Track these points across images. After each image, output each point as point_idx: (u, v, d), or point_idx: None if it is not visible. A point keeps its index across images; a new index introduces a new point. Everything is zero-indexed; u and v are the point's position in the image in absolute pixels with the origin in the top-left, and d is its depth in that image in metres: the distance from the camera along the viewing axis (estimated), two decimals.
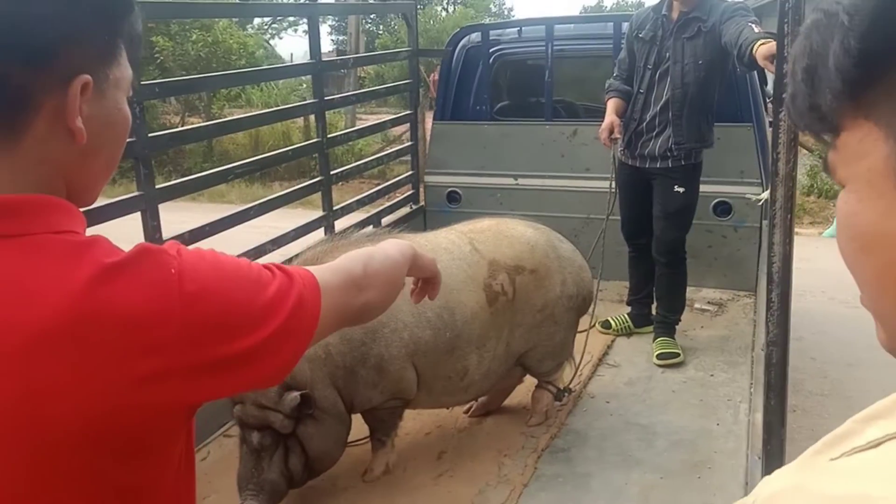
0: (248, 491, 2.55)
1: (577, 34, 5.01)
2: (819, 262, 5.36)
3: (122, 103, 0.86)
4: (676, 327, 3.94)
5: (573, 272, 3.18)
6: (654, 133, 3.75)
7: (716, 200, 4.35)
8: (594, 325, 3.98)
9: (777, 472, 0.57)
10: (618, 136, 3.77)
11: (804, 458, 0.55)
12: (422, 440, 3.18)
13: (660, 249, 3.89)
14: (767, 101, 4.46)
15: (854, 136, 0.53)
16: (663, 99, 3.70)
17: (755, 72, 4.14)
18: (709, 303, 4.37)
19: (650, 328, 4.09)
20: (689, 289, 4.06)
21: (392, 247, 1.15)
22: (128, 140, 3.34)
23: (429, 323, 2.77)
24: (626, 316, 4.13)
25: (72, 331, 0.74)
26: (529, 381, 3.33)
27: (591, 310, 3.41)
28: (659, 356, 3.78)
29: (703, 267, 4.31)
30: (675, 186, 3.76)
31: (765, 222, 3.44)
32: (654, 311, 4.07)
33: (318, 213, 4.15)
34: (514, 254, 3.03)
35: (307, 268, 0.97)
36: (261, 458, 2.58)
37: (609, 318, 4.12)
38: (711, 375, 3.65)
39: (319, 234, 3.90)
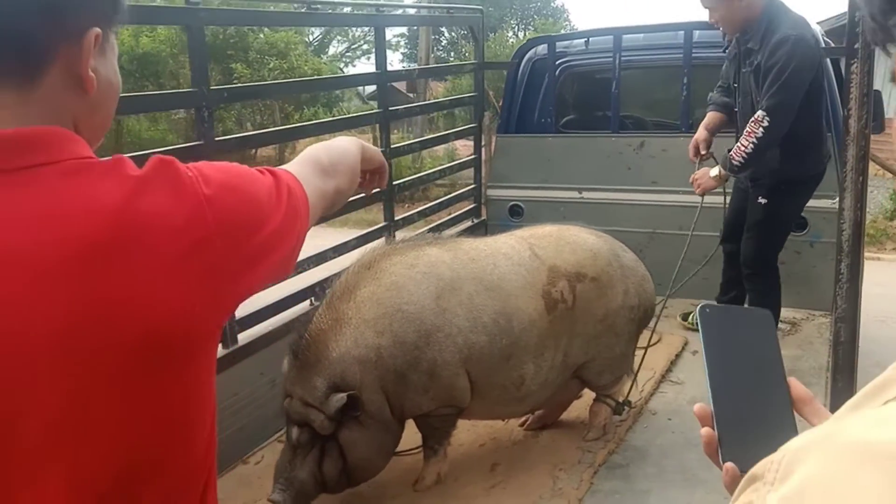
0: (278, 483, 2.51)
1: (646, 44, 4.84)
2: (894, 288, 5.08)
3: (116, 67, 0.92)
4: None
5: (636, 282, 3.06)
6: None
7: None
8: (657, 342, 3.84)
9: (812, 429, 0.52)
10: (703, 152, 3.61)
11: (840, 413, 0.49)
12: (475, 451, 3.09)
13: (742, 262, 3.73)
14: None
15: None
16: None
17: (833, 80, 3.95)
18: (781, 321, 4.16)
19: None
20: None
21: (342, 140, 1.26)
22: (196, 143, 3.40)
23: (484, 328, 2.69)
24: None
25: (119, 242, 0.80)
26: (587, 396, 3.21)
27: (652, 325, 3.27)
28: None
29: None
30: (759, 197, 3.60)
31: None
32: None
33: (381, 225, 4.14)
34: (575, 260, 2.93)
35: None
36: (296, 455, 2.54)
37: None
38: None
39: (380, 244, 3.88)
